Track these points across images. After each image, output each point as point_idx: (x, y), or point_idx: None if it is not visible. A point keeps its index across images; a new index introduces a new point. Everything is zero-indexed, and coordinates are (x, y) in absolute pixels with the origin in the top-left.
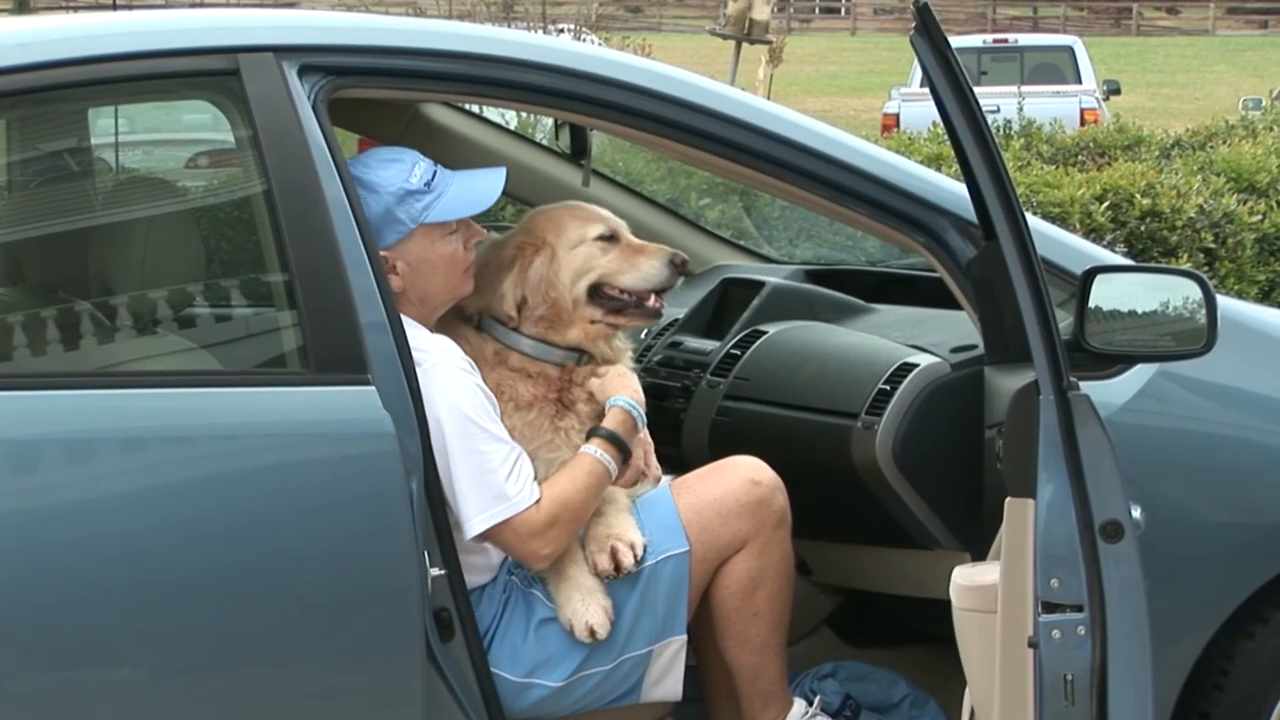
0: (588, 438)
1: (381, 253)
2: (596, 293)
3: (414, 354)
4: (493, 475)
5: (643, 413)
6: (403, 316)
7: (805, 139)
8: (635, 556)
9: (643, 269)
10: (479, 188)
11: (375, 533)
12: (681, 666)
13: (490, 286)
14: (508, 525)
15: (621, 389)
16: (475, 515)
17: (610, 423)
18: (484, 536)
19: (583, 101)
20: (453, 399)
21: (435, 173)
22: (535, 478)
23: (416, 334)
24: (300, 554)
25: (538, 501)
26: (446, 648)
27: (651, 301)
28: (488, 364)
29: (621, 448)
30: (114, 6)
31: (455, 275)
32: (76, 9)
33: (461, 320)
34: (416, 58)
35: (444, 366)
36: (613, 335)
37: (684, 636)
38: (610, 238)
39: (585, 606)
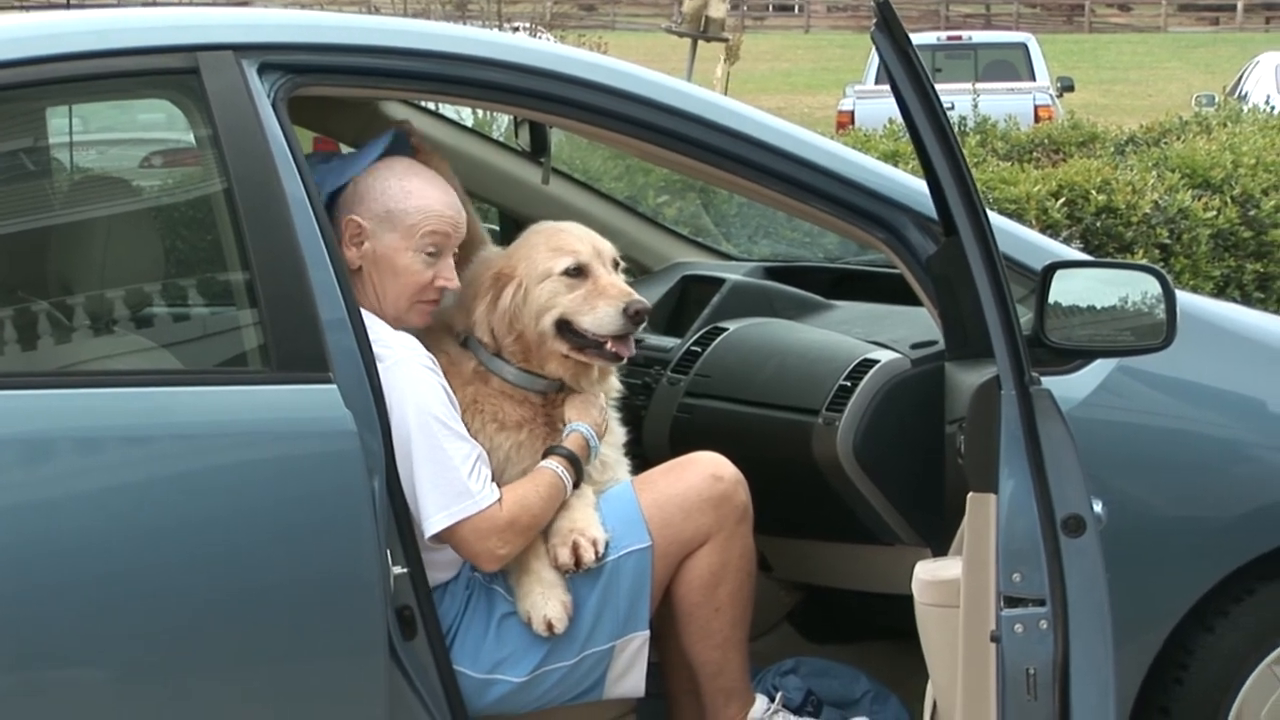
0: (546, 454)
1: (353, 217)
2: (566, 327)
3: (376, 349)
4: (455, 473)
5: (599, 443)
6: (364, 312)
7: (764, 135)
8: (596, 552)
9: (598, 313)
10: None
11: (337, 531)
12: (644, 662)
13: (471, 309)
14: (468, 523)
15: (584, 416)
16: (437, 512)
17: (570, 444)
18: (442, 535)
19: (541, 99)
20: (416, 396)
21: None
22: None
23: (379, 330)
24: (262, 553)
25: (499, 500)
26: (409, 646)
27: (610, 346)
28: (465, 379)
29: (578, 468)
30: (68, 5)
31: (407, 293)
32: (30, 8)
33: (449, 335)
34: (376, 55)
35: (407, 363)
36: (590, 370)
37: (646, 632)
38: (577, 272)
39: (544, 600)
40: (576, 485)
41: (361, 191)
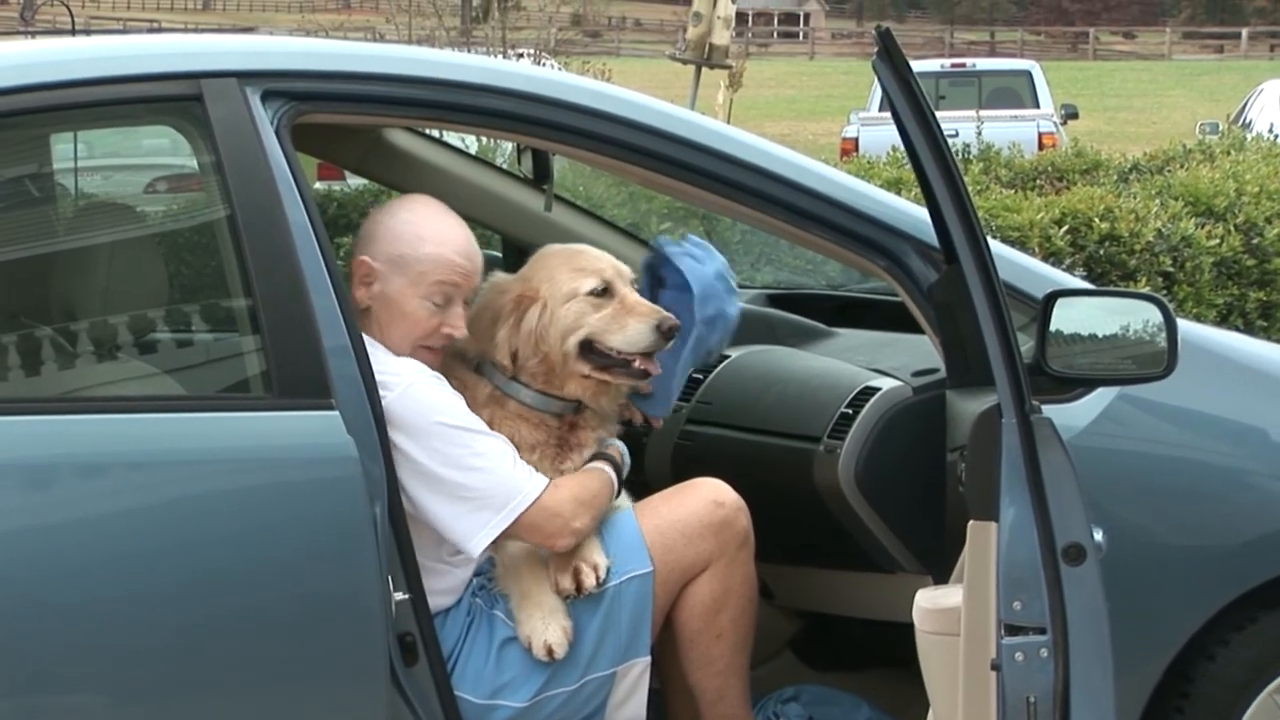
0: (592, 459)
1: (363, 258)
2: (588, 348)
3: (382, 378)
4: (497, 472)
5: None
6: (368, 339)
7: (766, 163)
8: (598, 578)
9: (629, 331)
10: None
11: (338, 558)
12: (645, 689)
13: (487, 334)
14: (531, 510)
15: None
16: (496, 515)
17: (611, 452)
18: (510, 532)
19: (544, 126)
20: (437, 414)
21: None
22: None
23: (383, 359)
24: (263, 579)
25: (551, 482)
26: (410, 672)
27: (638, 363)
28: (480, 404)
29: (619, 475)
30: (73, 32)
31: (409, 340)
32: (35, 34)
33: (460, 361)
34: (379, 83)
35: (417, 385)
36: (610, 389)
37: (648, 658)
38: (603, 292)
39: (545, 625)
40: (617, 494)
41: (375, 231)
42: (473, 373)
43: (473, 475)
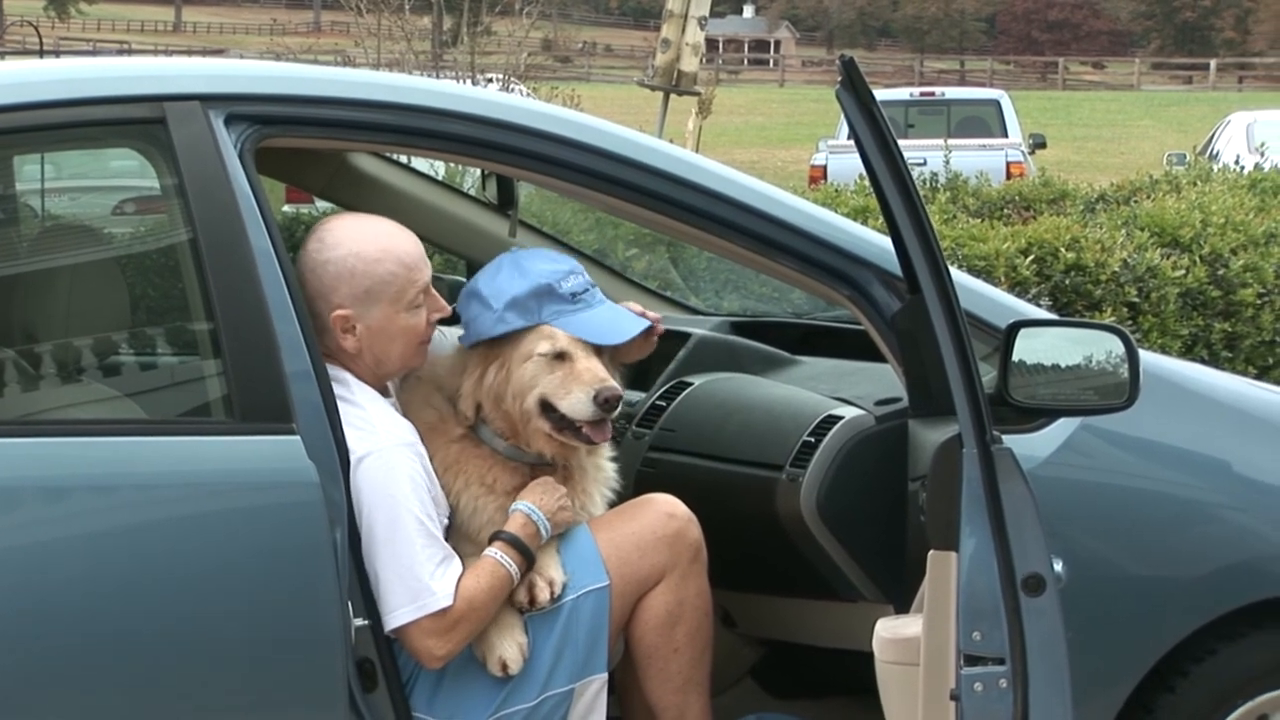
0: (491, 540)
1: (337, 312)
2: (548, 408)
3: (365, 431)
4: (421, 569)
5: (547, 522)
6: (360, 386)
7: (730, 191)
8: (552, 593)
9: (571, 398)
10: (617, 325)
11: (298, 583)
12: (604, 707)
13: (458, 380)
14: (415, 622)
15: (532, 495)
16: (398, 609)
17: (513, 527)
18: (395, 631)
19: (510, 153)
20: (397, 491)
21: (586, 289)
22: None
23: (375, 412)
24: (222, 604)
25: (450, 606)
26: (369, 698)
27: (585, 430)
28: (451, 438)
29: (524, 552)
30: (41, 53)
31: (411, 347)
32: (3, 55)
33: (438, 392)
34: (343, 107)
35: (394, 453)
36: (577, 450)
37: (605, 675)
38: (558, 355)
39: (500, 641)
40: (526, 571)
41: (329, 280)
42: (449, 406)
43: (392, 562)
